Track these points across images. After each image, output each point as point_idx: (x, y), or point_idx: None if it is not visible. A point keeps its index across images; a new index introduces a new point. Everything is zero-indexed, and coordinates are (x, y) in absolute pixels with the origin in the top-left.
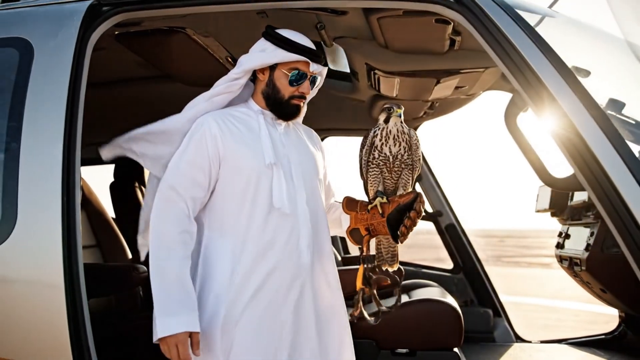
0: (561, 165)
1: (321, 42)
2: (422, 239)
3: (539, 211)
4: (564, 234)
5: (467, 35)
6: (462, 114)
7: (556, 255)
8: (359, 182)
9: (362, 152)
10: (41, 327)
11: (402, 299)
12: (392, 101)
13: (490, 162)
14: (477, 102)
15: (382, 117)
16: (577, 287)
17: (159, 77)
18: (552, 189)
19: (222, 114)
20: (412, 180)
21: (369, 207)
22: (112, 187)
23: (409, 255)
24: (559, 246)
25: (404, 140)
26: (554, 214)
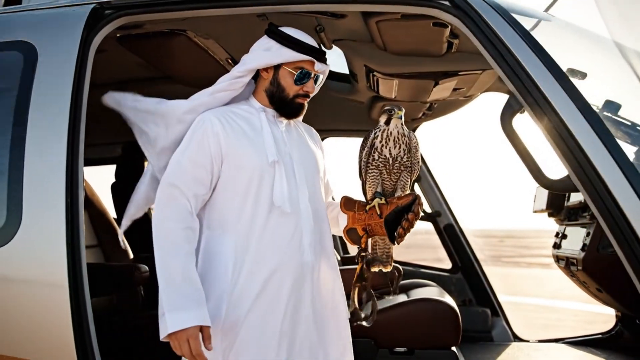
0: (556, 166)
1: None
2: (421, 239)
3: (536, 212)
4: (561, 234)
5: (464, 38)
6: (462, 114)
7: (553, 255)
8: (357, 183)
9: (362, 153)
10: (46, 325)
11: (401, 299)
12: (392, 103)
13: (490, 162)
14: (476, 102)
15: (382, 119)
16: (576, 287)
17: (160, 78)
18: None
19: (223, 111)
20: (411, 182)
21: (367, 208)
22: (114, 187)
23: (409, 255)
24: (556, 246)
25: (403, 142)
26: (551, 215)
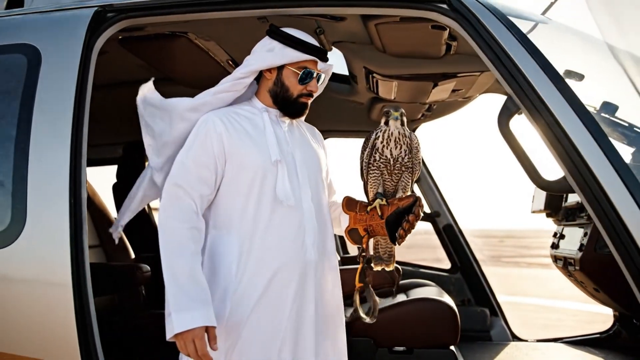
0: (552, 168)
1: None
2: (421, 239)
3: (534, 212)
4: (559, 235)
5: (463, 40)
6: (463, 115)
7: (551, 255)
8: (356, 183)
9: (364, 153)
10: (50, 324)
11: (400, 298)
12: (391, 104)
13: (490, 162)
14: (476, 103)
15: (383, 120)
16: (575, 287)
17: (161, 79)
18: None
19: (226, 111)
20: (412, 182)
21: (368, 209)
22: (115, 187)
23: (409, 255)
24: (554, 246)
25: (404, 143)
26: (549, 215)
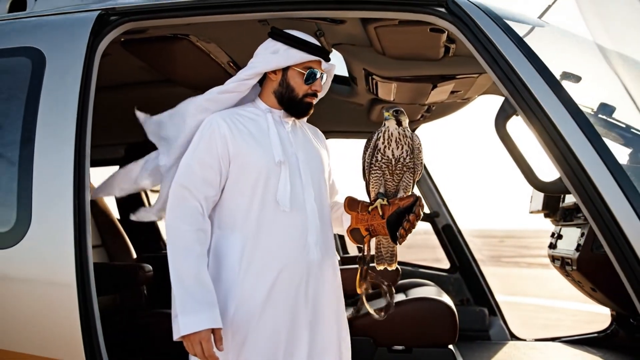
0: (548, 169)
1: None
2: (421, 239)
3: (532, 212)
4: (557, 235)
5: (461, 42)
6: (464, 115)
7: (549, 255)
8: (356, 183)
9: (366, 154)
10: (55, 323)
11: (399, 298)
12: (389, 105)
13: (490, 163)
14: (476, 104)
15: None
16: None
17: (162, 81)
18: None
19: (230, 113)
20: (413, 183)
21: (370, 209)
22: None
23: (409, 255)
24: (552, 246)
25: (406, 143)
26: (547, 215)
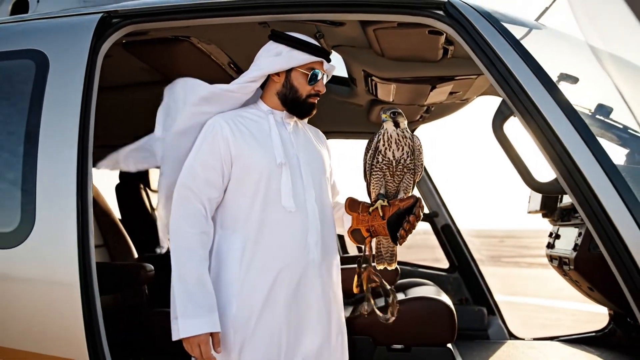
0: (545, 170)
1: None
2: (420, 239)
3: (530, 212)
4: (554, 234)
5: (459, 44)
6: (464, 116)
7: (547, 254)
8: (356, 183)
9: (367, 155)
10: (58, 322)
11: (399, 297)
12: (389, 106)
13: (490, 163)
14: (475, 104)
15: None
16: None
17: (163, 82)
18: None
19: (232, 115)
20: (414, 184)
21: (370, 209)
22: (118, 188)
23: (409, 255)
24: (550, 246)
25: (406, 144)
26: (545, 215)
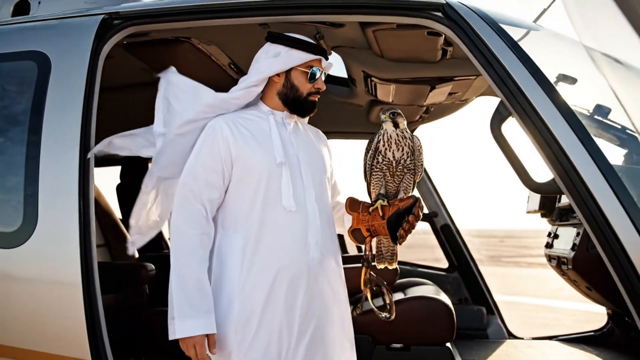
0: (542, 170)
1: None
2: (420, 239)
3: (529, 212)
4: (553, 234)
5: (458, 45)
6: (462, 116)
7: (546, 254)
8: (356, 183)
9: (367, 156)
10: (61, 321)
11: (398, 297)
12: (389, 106)
13: (491, 163)
14: (475, 104)
15: None
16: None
17: None
18: None
19: (233, 116)
20: (414, 184)
21: (370, 209)
22: (119, 188)
23: (409, 254)
24: (548, 246)
25: (406, 145)
26: (543, 215)
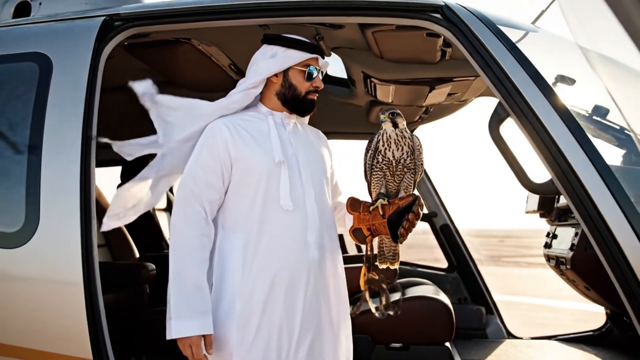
0: (540, 171)
1: None
2: (420, 238)
3: (528, 212)
4: (552, 234)
5: (457, 46)
6: (462, 116)
7: (544, 254)
8: (355, 183)
9: (367, 156)
10: (62, 320)
11: (397, 297)
12: (386, 107)
13: (491, 163)
14: (474, 105)
15: None
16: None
17: (164, 83)
18: None
19: (232, 118)
20: (414, 183)
21: (371, 209)
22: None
23: (409, 254)
24: (547, 246)
25: (406, 144)
26: (542, 215)
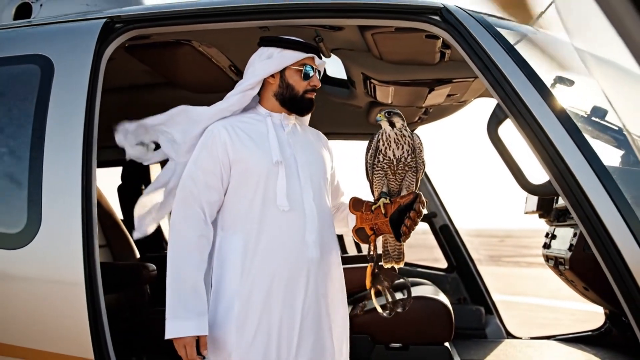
0: (538, 172)
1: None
2: (419, 239)
3: (527, 213)
4: (551, 235)
5: (456, 48)
6: (462, 117)
7: (543, 255)
8: (356, 183)
9: (368, 155)
10: (64, 320)
11: (397, 297)
12: (388, 107)
13: (492, 163)
14: (474, 105)
15: None
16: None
17: (165, 84)
18: None
19: (231, 121)
20: (417, 181)
21: (373, 208)
22: (120, 189)
23: (409, 255)
24: (546, 246)
25: (406, 143)
26: (541, 216)
